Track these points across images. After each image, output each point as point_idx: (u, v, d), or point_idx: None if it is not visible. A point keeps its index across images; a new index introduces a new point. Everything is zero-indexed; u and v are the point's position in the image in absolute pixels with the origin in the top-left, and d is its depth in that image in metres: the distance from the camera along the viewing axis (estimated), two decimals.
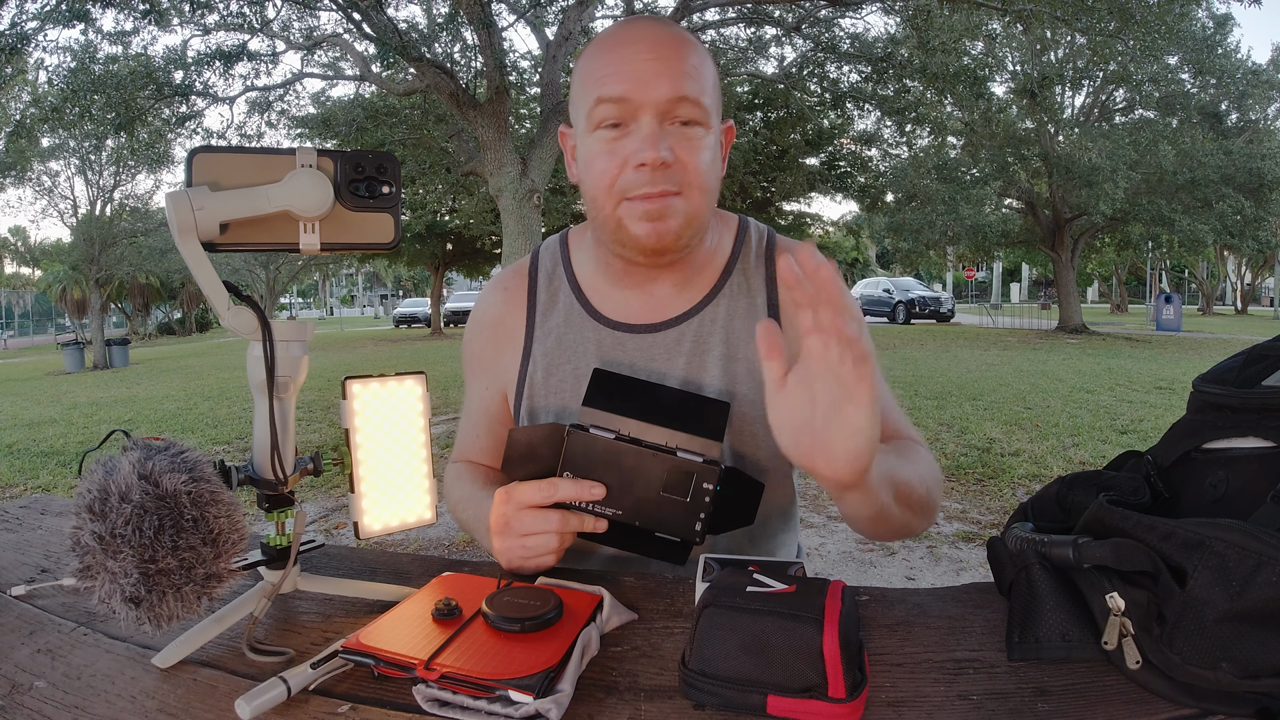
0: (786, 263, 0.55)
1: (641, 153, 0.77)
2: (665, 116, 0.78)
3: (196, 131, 9.07)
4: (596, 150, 0.81)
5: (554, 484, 0.70)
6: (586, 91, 0.81)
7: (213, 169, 0.62)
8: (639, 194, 0.79)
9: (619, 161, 0.79)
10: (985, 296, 42.91)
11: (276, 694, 0.54)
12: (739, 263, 0.93)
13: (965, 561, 3.33)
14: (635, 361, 0.90)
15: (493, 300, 0.99)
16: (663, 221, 0.80)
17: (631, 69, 0.78)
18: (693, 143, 0.79)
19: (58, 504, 1.10)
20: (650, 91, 0.77)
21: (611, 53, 0.80)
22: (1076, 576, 0.59)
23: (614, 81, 0.78)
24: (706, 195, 0.82)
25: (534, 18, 8.64)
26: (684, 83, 0.78)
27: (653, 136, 0.77)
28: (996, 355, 11.53)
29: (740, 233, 0.95)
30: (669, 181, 0.78)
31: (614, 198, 0.81)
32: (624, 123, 0.79)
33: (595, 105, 0.79)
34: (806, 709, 0.51)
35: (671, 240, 0.81)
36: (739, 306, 0.91)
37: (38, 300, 38.65)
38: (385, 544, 3.42)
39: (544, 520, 0.70)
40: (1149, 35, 7.42)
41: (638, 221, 0.80)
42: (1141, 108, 16.07)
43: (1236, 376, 0.64)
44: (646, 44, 0.79)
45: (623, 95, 0.77)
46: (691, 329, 0.89)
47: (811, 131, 14.33)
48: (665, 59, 0.78)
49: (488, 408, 0.98)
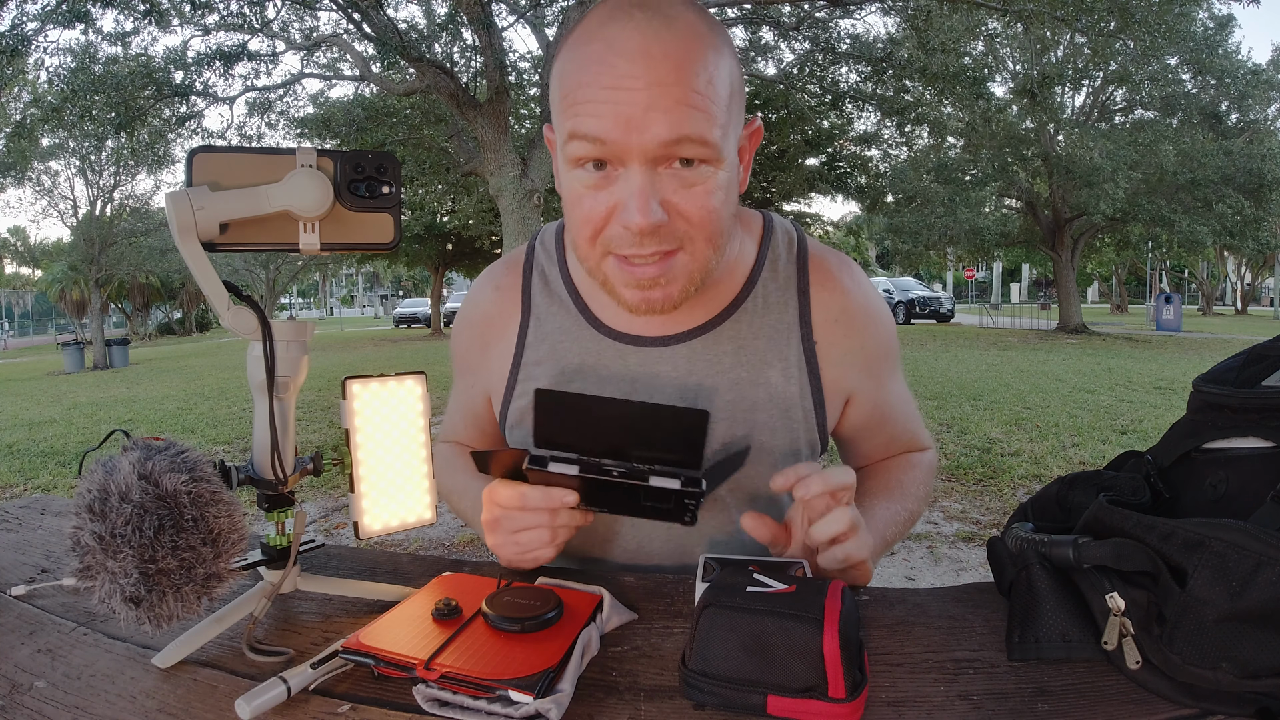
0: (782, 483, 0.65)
1: (629, 214, 0.62)
2: (660, 161, 0.62)
3: (196, 131, 9.08)
4: (577, 191, 0.66)
5: (523, 495, 0.66)
6: (562, 115, 0.65)
7: (213, 169, 0.62)
8: (628, 253, 0.66)
9: (603, 210, 0.65)
10: (985, 296, 42.91)
11: (276, 694, 0.54)
12: (765, 272, 0.81)
13: (965, 561, 3.33)
14: (638, 377, 0.81)
15: (484, 298, 0.90)
16: (657, 290, 0.67)
17: (614, 99, 0.60)
18: (695, 189, 0.64)
19: (58, 504, 1.10)
20: (638, 133, 0.60)
21: (590, 70, 0.62)
22: (1076, 576, 0.59)
23: (592, 115, 0.61)
24: (715, 243, 0.68)
25: (534, 18, 8.65)
26: (685, 117, 0.60)
27: (642, 195, 0.62)
28: (996, 355, 11.53)
29: (766, 236, 0.83)
30: (665, 240, 0.65)
31: (599, 250, 0.68)
32: (609, 164, 0.64)
33: (569, 140, 0.63)
34: (806, 709, 0.51)
35: (670, 308, 0.70)
36: (764, 324, 0.80)
37: (38, 300, 38.64)
38: (385, 544, 3.42)
39: (533, 516, 0.68)
40: (1149, 35, 7.43)
41: (627, 287, 0.68)
42: (1142, 108, 16.08)
43: (1236, 376, 0.64)
44: (636, 58, 0.60)
45: (602, 137, 0.61)
46: (705, 345, 0.79)
47: (811, 132, 14.33)
48: (661, 83, 0.60)
49: (472, 405, 0.95)
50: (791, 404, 0.80)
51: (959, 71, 8.50)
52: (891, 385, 0.89)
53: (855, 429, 0.89)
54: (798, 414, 0.81)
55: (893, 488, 0.84)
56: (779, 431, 0.80)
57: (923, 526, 3.76)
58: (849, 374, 0.84)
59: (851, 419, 0.88)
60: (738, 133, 0.69)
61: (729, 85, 0.64)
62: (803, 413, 0.81)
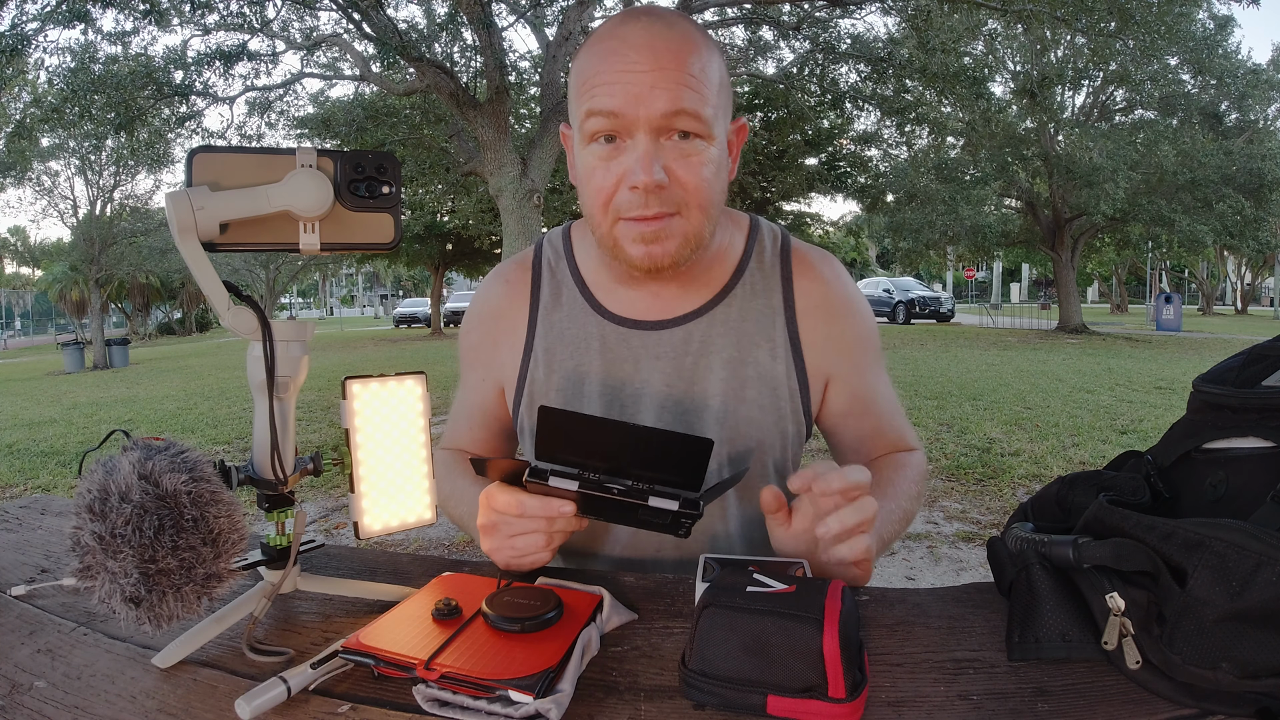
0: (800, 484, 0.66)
1: (635, 175, 0.74)
2: (661, 131, 0.74)
3: (196, 131, 9.08)
4: (591, 165, 0.78)
5: (521, 502, 0.67)
6: (580, 99, 0.78)
7: (213, 169, 0.62)
8: (634, 215, 0.76)
9: (614, 179, 0.76)
10: (985, 296, 42.93)
11: (276, 694, 0.54)
12: (752, 262, 0.91)
13: (965, 561, 3.33)
14: (640, 359, 0.88)
15: (494, 292, 0.96)
16: (658, 244, 0.78)
17: (625, 79, 0.73)
18: (691, 159, 0.75)
19: (58, 504, 1.10)
20: (644, 106, 0.72)
21: (605, 60, 0.75)
22: (1076, 576, 0.59)
23: (606, 93, 0.74)
24: (707, 211, 0.79)
25: (534, 18, 8.65)
26: (682, 95, 0.73)
27: (646, 157, 0.73)
28: (996, 355, 11.53)
29: (752, 232, 0.93)
30: (665, 203, 0.76)
31: (610, 216, 0.78)
32: (618, 137, 0.75)
33: (587, 118, 0.76)
34: (806, 709, 0.51)
35: (669, 262, 0.79)
36: (752, 308, 0.89)
37: (38, 300, 38.66)
38: (385, 544, 3.42)
39: (530, 520, 0.69)
40: (1149, 35, 7.43)
41: (633, 243, 0.78)
42: (1142, 108, 16.08)
43: (1236, 376, 0.64)
44: (642, 49, 0.73)
45: (615, 110, 0.73)
46: (699, 328, 0.88)
47: (811, 132, 14.34)
48: (663, 67, 0.73)
49: (482, 401, 0.97)
50: (779, 383, 0.88)
51: (959, 71, 8.50)
52: (871, 377, 0.93)
53: (837, 416, 0.93)
54: (784, 392, 0.88)
55: (885, 486, 0.84)
56: (767, 409, 0.87)
57: (923, 526, 3.76)
58: (828, 358, 0.90)
59: (832, 405, 0.92)
60: (726, 122, 0.80)
61: (718, 78, 0.77)
62: (789, 392, 0.88)
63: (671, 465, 0.62)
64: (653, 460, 0.63)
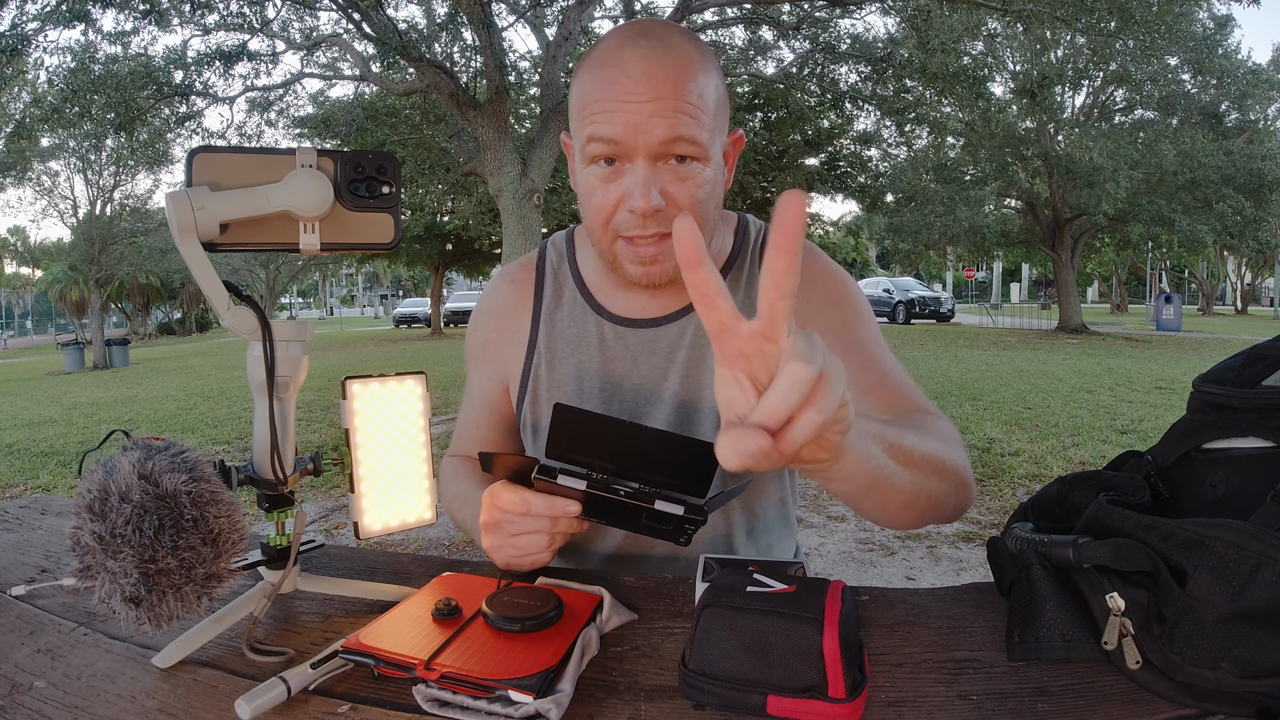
0: None
1: (633, 199, 0.76)
2: (659, 157, 0.76)
3: (196, 131, 9.07)
4: (592, 184, 0.80)
5: (526, 501, 0.68)
6: (580, 123, 0.79)
7: (213, 169, 0.62)
8: (633, 234, 0.79)
9: (613, 200, 0.79)
10: (985, 296, 42.94)
11: (276, 694, 0.54)
12: (739, 259, 0.94)
13: (965, 561, 3.33)
14: (638, 356, 0.91)
15: (500, 291, 1.00)
16: (656, 265, 0.81)
17: (624, 109, 0.75)
18: (688, 181, 0.78)
19: (58, 504, 1.10)
20: (643, 135, 0.75)
21: (605, 87, 0.76)
22: (1076, 576, 0.59)
23: (606, 120, 0.76)
24: (703, 228, 0.80)
25: (534, 18, 8.65)
26: (679, 123, 0.75)
27: (645, 184, 0.76)
28: (996, 355, 11.53)
29: (740, 230, 0.96)
30: (662, 224, 0.78)
31: (610, 234, 0.81)
32: (617, 160, 0.78)
33: (588, 142, 0.78)
34: (806, 709, 0.51)
35: (666, 280, 0.83)
36: (740, 302, 0.91)
37: (38, 300, 38.64)
38: (385, 544, 3.42)
39: (532, 520, 0.69)
40: (1149, 35, 7.43)
41: (632, 263, 0.81)
42: (1142, 108, 16.08)
43: (1236, 376, 0.64)
44: (641, 79, 0.74)
45: (614, 138, 0.75)
46: (694, 323, 0.90)
47: (811, 132, 14.33)
48: (660, 97, 0.74)
49: (489, 398, 0.99)
50: None
51: (959, 71, 8.49)
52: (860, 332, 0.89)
53: None
54: None
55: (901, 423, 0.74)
56: None
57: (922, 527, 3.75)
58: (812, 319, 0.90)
59: None
60: (723, 138, 0.83)
61: (715, 99, 0.79)
62: None
63: (679, 470, 0.63)
64: (661, 464, 0.63)
